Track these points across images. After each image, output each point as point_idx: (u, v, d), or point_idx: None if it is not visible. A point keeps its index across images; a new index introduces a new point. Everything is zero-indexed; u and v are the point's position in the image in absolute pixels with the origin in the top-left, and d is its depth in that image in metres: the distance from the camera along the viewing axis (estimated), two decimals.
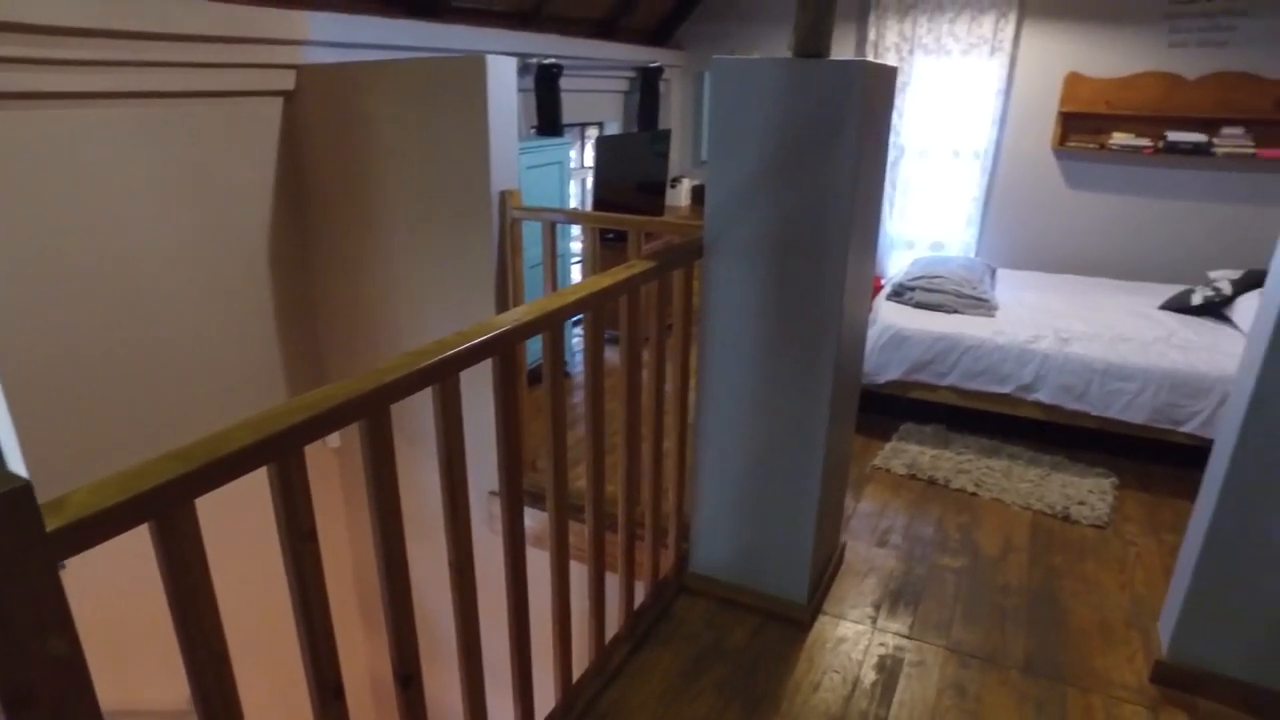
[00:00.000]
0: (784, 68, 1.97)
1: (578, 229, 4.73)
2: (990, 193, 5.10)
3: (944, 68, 4.98)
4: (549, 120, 4.34)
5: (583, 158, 5.47)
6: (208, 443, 0.95)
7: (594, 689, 2.08)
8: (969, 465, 3.39)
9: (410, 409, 1.75)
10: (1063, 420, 3.45)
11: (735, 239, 2.15)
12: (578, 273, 5.17)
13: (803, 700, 2.09)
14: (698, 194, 5.85)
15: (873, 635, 2.36)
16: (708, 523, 2.45)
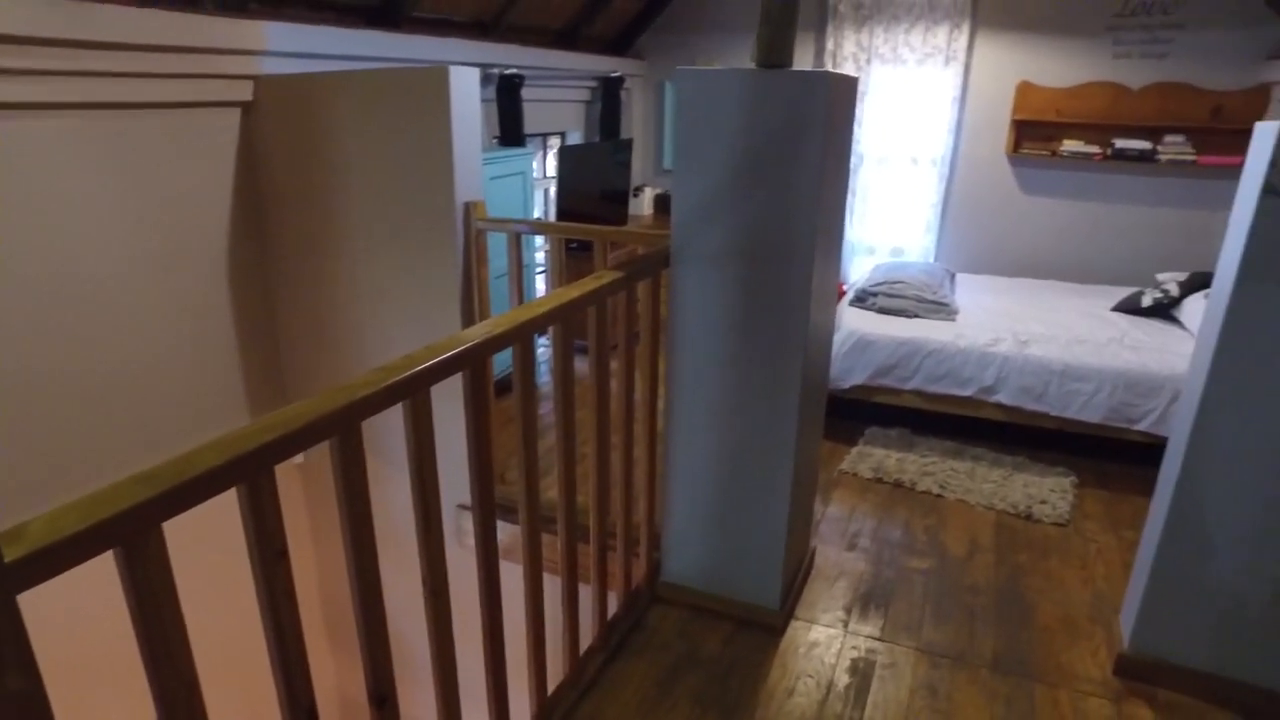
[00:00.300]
0: (748, 79, 2.00)
1: (541, 239, 4.72)
2: (948, 199, 5.21)
3: (901, 77, 5.08)
4: (511, 130, 4.33)
5: (545, 167, 5.47)
6: (175, 464, 0.92)
7: (569, 701, 2.07)
8: (934, 467, 3.44)
9: (376, 422, 1.73)
10: (1023, 421, 3.53)
11: (702, 248, 2.16)
12: (541, 283, 5.16)
13: (778, 706, 2.10)
14: (660, 202, 5.88)
15: (845, 639, 2.38)
16: (679, 531, 2.46)
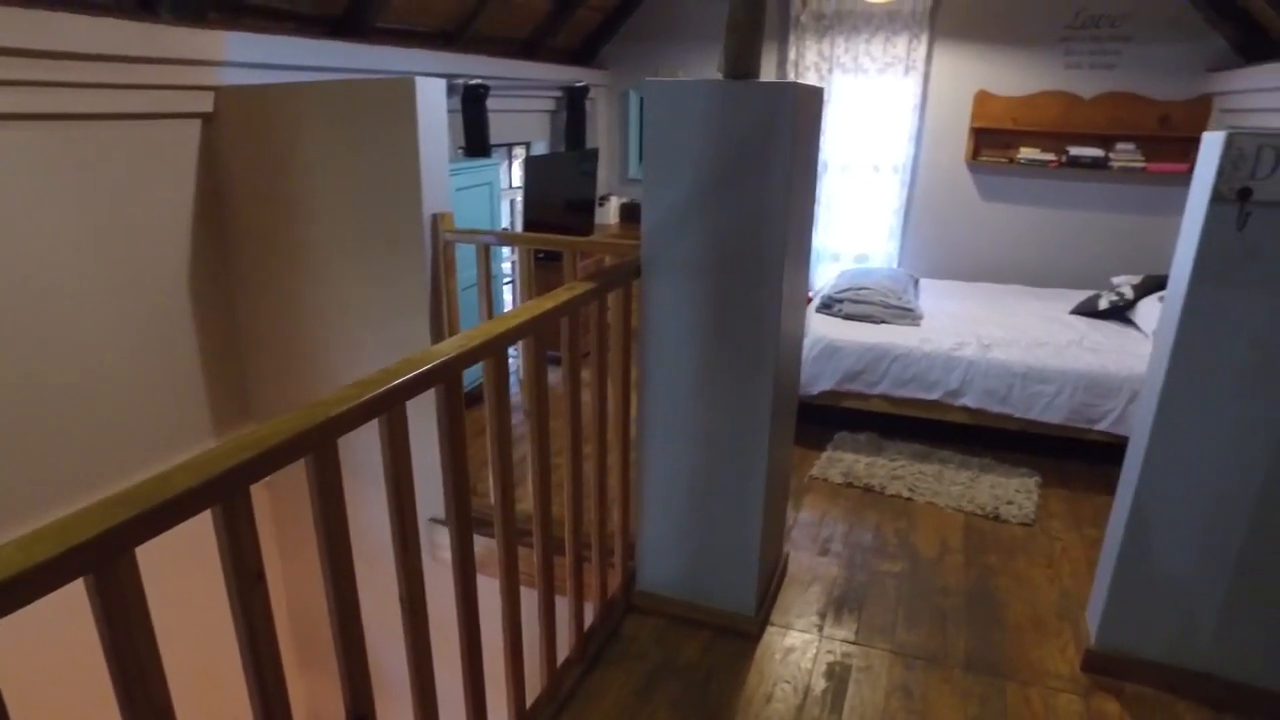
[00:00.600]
0: (716, 89, 2.01)
1: (508, 250, 4.70)
2: (910, 205, 5.30)
3: (862, 86, 5.16)
4: (476, 141, 4.31)
5: (510, 178, 5.45)
6: (149, 486, 0.90)
7: (548, 714, 2.05)
8: (902, 471, 3.49)
9: (345, 437, 1.70)
10: (988, 423, 3.60)
11: (673, 258, 2.17)
12: (508, 294, 5.13)
13: (756, 713, 2.11)
14: (626, 211, 5.89)
15: (820, 643, 2.40)
16: (653, 540, 2.46)
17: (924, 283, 4.89)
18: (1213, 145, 1.91)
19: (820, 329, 3.83)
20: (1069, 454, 3.64)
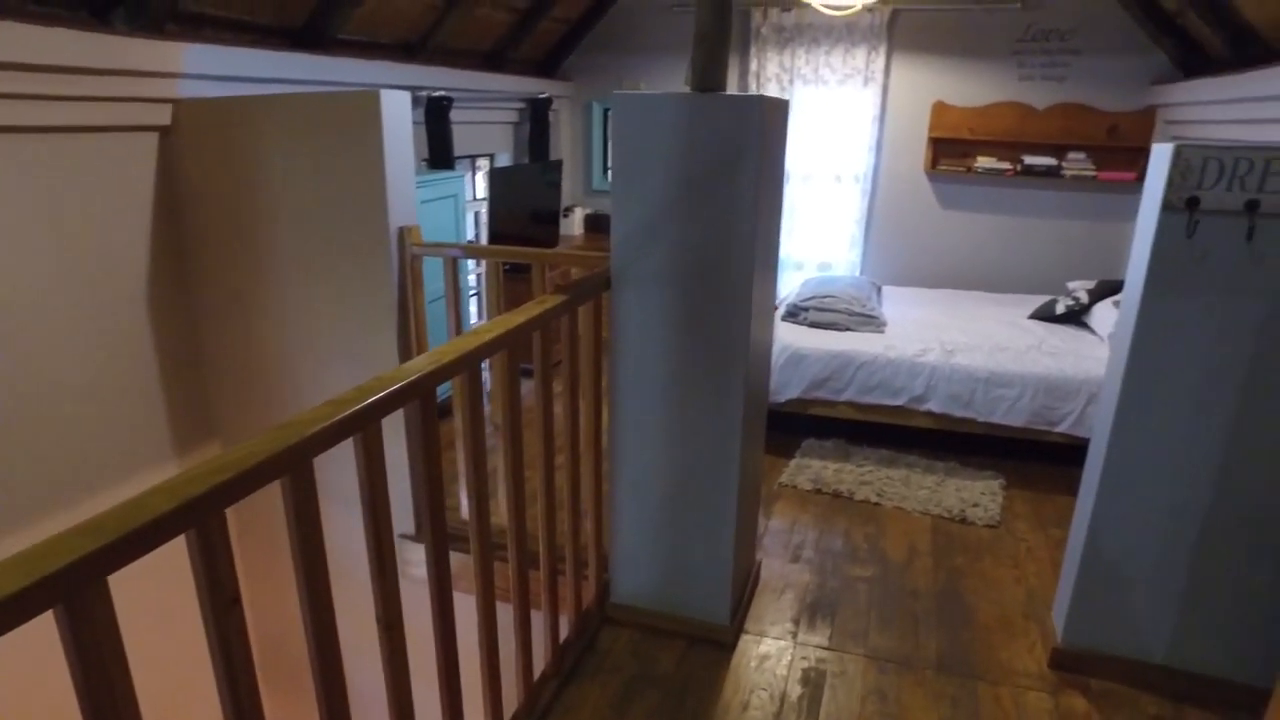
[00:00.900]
0: (684, 102, 2.03)
1: (473, 262, 4.68)
2: (871, 214, 5.38)
3: (822, 97, 5.24)
4: (440, 153, 4.29)
5: (474, 190, 5.42)
6: (120, 512, 0.88)
7: None
8: (870, 476, 3.53)
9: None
10: (952, 427, 3.66)
11: (643, 269, 2.18)
12: (474, 306, 5.10)
13: None
14: (591, 222, 5.90)
15: (795, 650, 2.42)
16: (627, 551, 2.46)
17: (886, 290, 4.97)
18: (1162, 157, 1.98)
19: (786, 337, 3.87)
20: (1031, 456, 3.72)
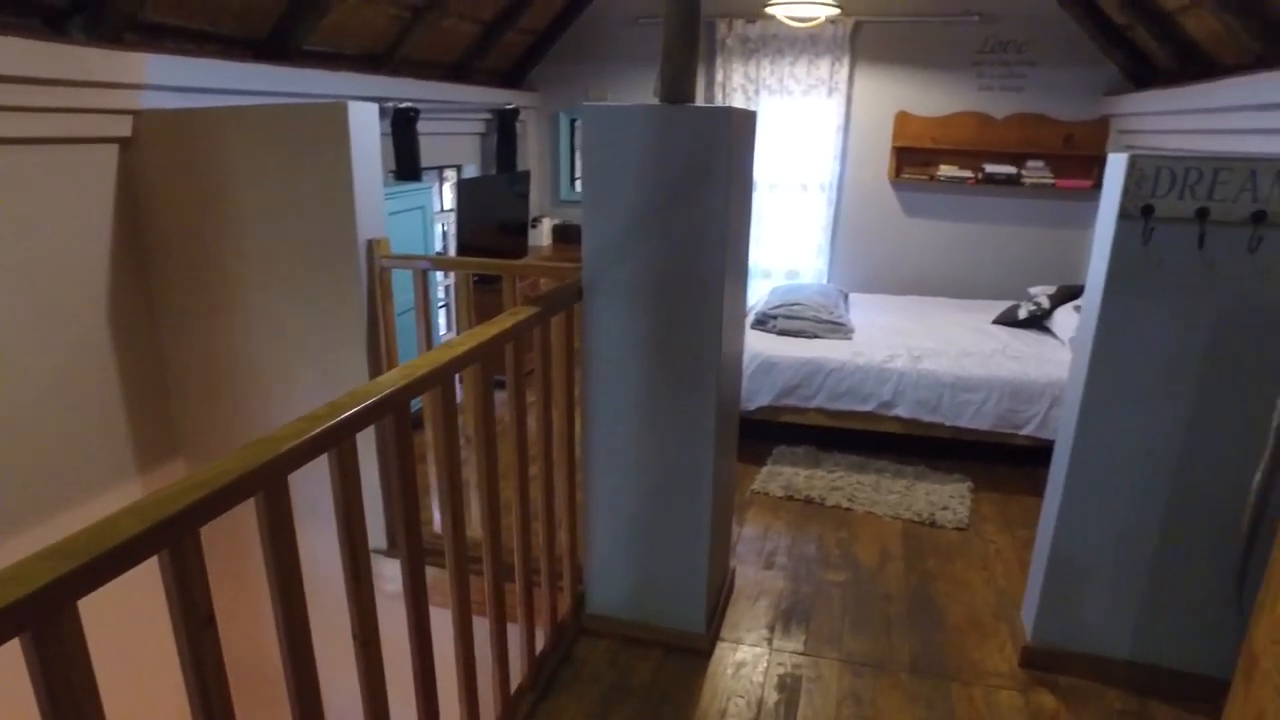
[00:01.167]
0: (654, 114, 2.05)
1: (442, 274, 4.65)
2: (837, 222, 5.46)
3: (788, 107, 5.30)
4: (407, 164, 4.26)
5: (441, 201, 5.40)
6: (91, 534, 0.86)
7: None
8: (841, 482, 3.57)
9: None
10: (920, 432, 3.72)
11: (614, 280, 2.19)
12: (443, 318, 5.07)
13: None
14: (559, 233, 5.90)
15: (770, 656, 2.43)
16: (601, 562, 2.45)
17: (853, 297, 5.03)
18: (1117, 166, 2.04)
19: (756, 345, 3.90)
20: (998, 459, 3.79)
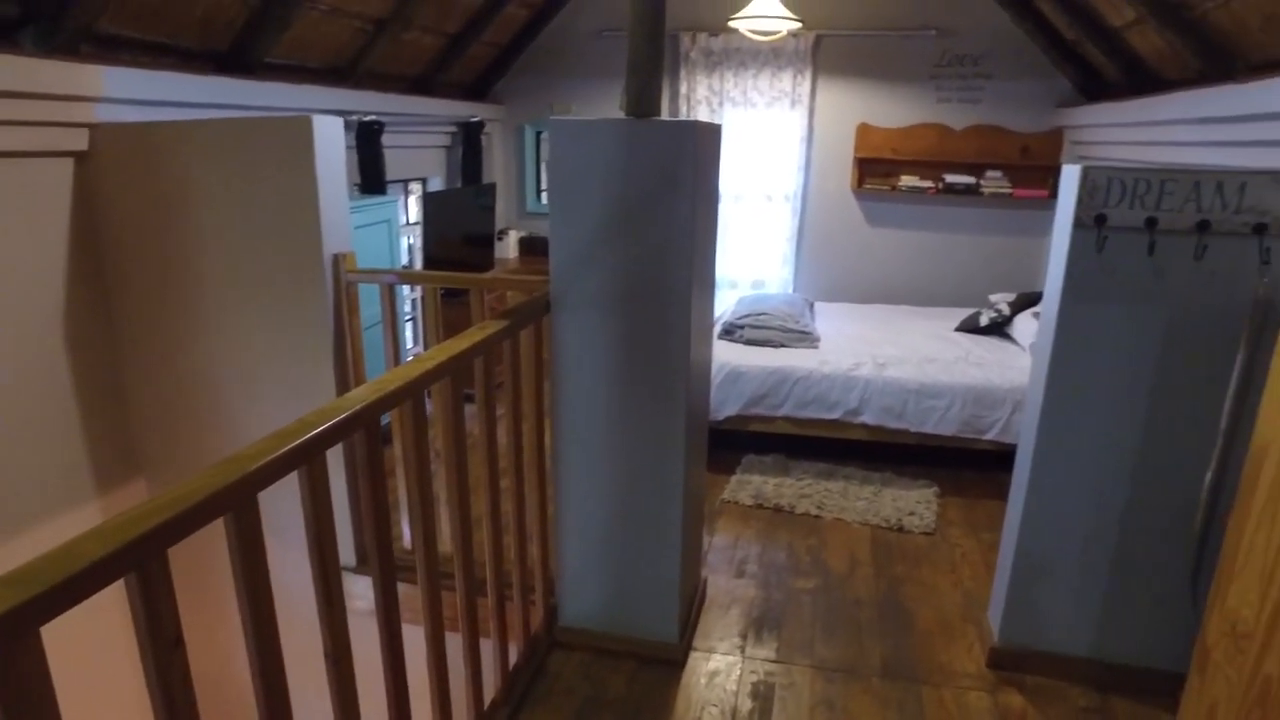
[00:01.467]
0: (620, 128, 2.07)
1: (408, 288, 4.62)
2: (801, 232, 5.53)
3: (751, 118, 5.37)
4: (372, 178, 4.23)
5: (407, 214, 5.37)
6: (54, 558, 0.84)
7: None
8: (810, 489, 3.61)
9: None
10: (886, 439, 3.77)
11: (582, 293, 2.20)
12: (409, 331, 5.03)
13: None
14: (526, 245, 5.90)
15: (743, 664, 2.44)
16: (573, 574, 2.45)
17: (819, 306, 5.09)
18: (1071, 177, 2.10)
19: (723, 355, 3.93)
20: (962, 464, 3.85)
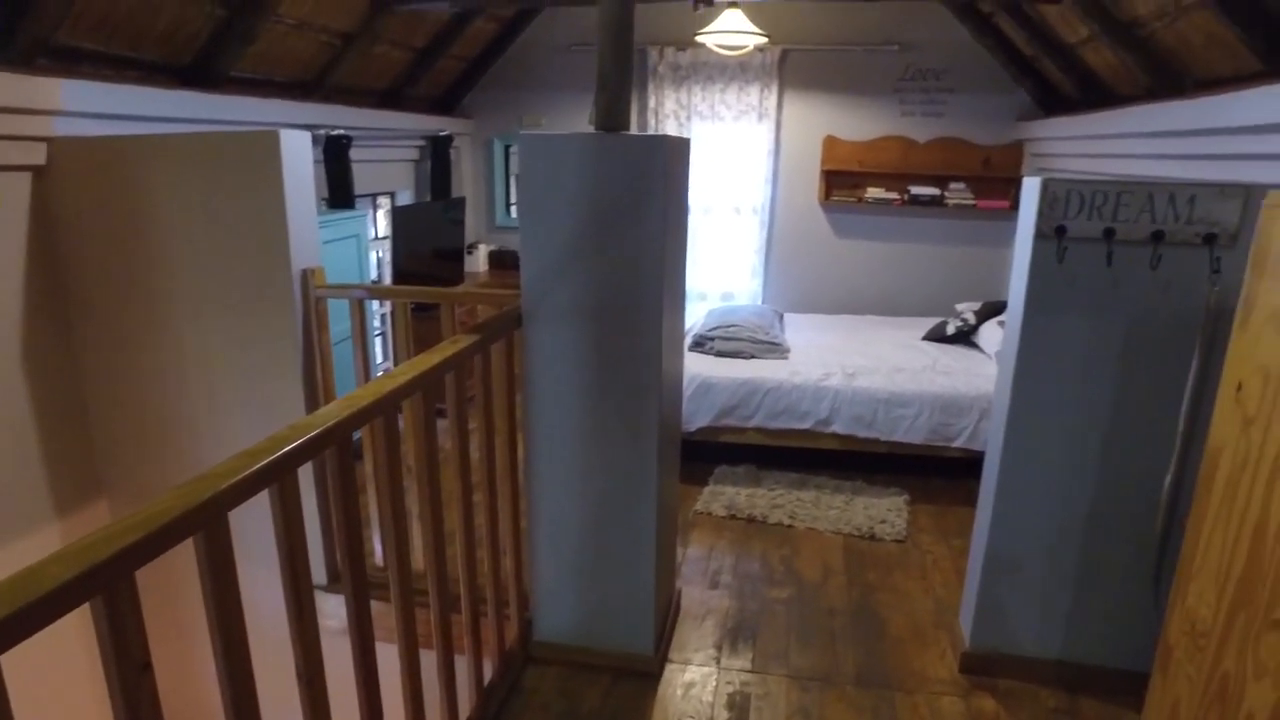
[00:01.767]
0: (590, 142, 2.08)
1: (377, 302, 4.58)
2: (770, 244, 5.58)
3: (719, 132, 5.42)
4: (340, 192, 4.20)
5: (376, 228, 5.33)
6: (15, 584, 0.82)
7: None
8: (782, 499, 3.63)
9: None
10: (857, 448, 3.81)
11: (553, 306, 2.20)
12: (378, 346, 4.98)
13: None
14: (495, 259, 5.88)
15: (719, 675, 2.44)
16: (548, 588, 2.44)
17: (788, 317, 5.14)
18: (1031, 190, 2.15)
19: (694, 367, 3.95)
20: (932, 471, 3.91)
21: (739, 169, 5.48)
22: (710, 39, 4.33)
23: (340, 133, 4.11)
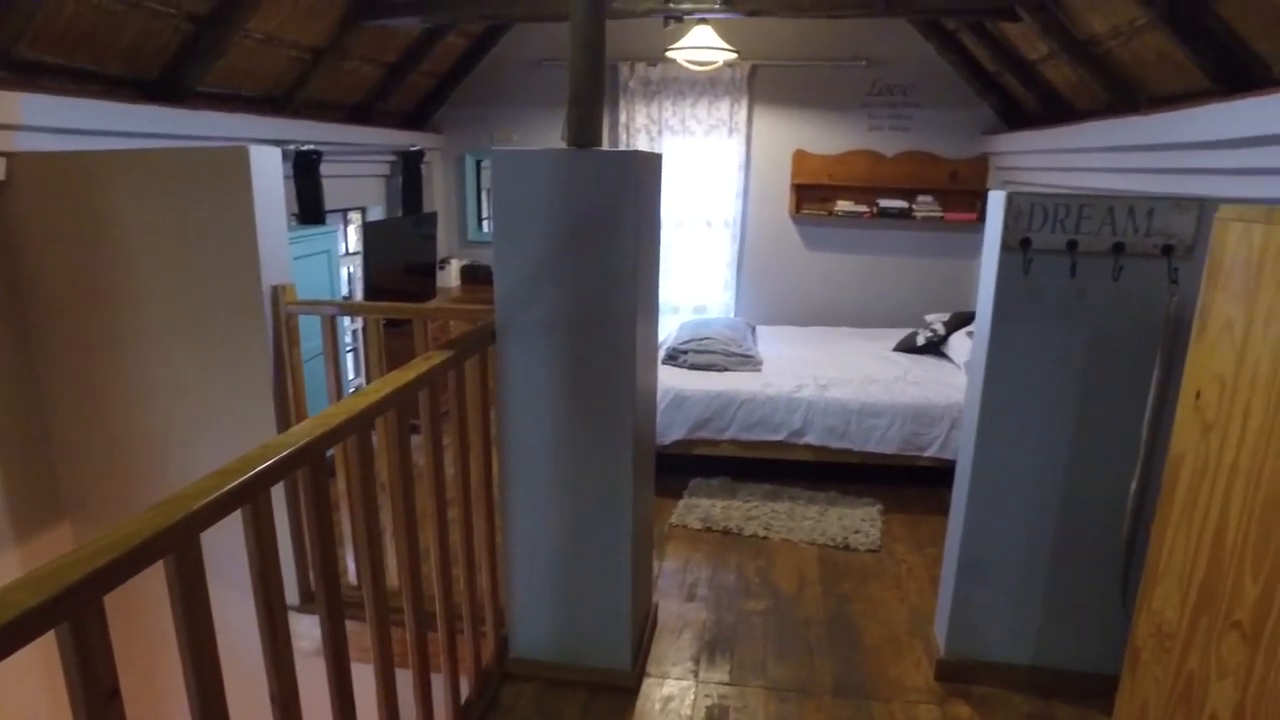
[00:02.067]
0: (562, 158, 2.09)
1: (349, 318, 4.54)
2: (742, 257, 5.63)
3: (690, 146, 5.47)
4: (310, 207, 4.17)
5: (347, 244, 5.29)
6: None
7: None
8: (757, 511, 3.64)
9: None
10: (830, 458, 3.84)
11: (527, 322, 2.20)
12: (350, 362, 4.93)
13: None
14: (468, 274, 5.86)
15: (697, 688, 2.44)
16: (524, 604, 2.42)
17: (761, 329, 5.18)
18: (997, 203, 2.20)
19: (668, 380, 3.96)
20: (905, 481, 3.95)
21: (710, 183, 5.53)
22: (680, 54, 4.37)
23: (310, 148, 4.08)
